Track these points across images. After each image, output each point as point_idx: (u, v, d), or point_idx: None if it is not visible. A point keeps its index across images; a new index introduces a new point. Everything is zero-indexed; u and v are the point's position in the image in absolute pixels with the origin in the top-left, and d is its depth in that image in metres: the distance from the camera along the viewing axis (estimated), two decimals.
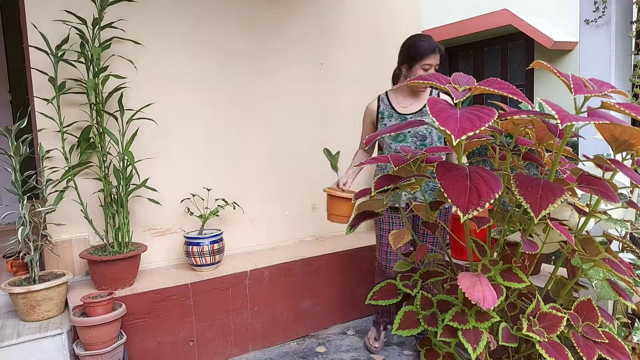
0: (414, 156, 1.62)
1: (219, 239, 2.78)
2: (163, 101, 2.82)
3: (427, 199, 2.25)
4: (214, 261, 2.74)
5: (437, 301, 1.62)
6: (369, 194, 1.68)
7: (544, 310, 1.46)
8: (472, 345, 1.36)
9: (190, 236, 2.74)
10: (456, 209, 1.24)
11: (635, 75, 2.38)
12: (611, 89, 1.34)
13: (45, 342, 2.18)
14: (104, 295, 2.24)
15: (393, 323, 2.43)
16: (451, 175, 1.30)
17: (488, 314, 1.43)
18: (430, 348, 1.63)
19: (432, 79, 1.37)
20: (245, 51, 3.07)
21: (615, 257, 1.50)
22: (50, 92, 2.44)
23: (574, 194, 1.52)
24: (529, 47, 7.43)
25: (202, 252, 2.69)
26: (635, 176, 1.40)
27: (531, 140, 1.61)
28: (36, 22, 2.41)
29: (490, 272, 1.48)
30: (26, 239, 2.31)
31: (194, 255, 2.70)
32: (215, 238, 2.75)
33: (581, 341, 1.42)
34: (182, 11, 2.91)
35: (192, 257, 2.71)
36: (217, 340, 2.69)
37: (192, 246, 2.70)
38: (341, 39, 3.57)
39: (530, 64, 1.49)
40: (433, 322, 1.56)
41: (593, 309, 1.55)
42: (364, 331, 3.04)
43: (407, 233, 1.69)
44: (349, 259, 3.16)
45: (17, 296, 2.26)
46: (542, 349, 1.35)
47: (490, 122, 1.17)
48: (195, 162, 2.98)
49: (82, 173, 2.54)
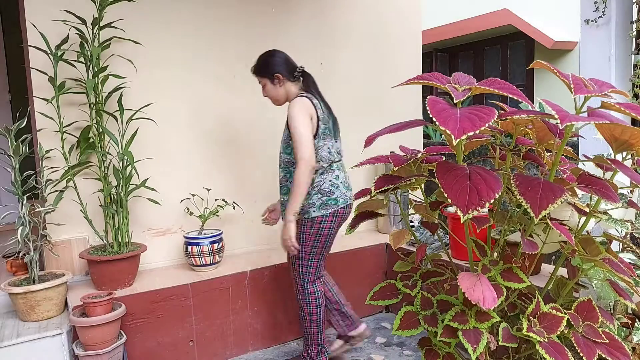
0: (414, 156, 1.62)
1: (219, 239, 2.77)
2: (163, 101, 2.81)
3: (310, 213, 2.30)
4: (213, 261, 2.73)
5: (437, 301, 1.61)
6: (369, 194, 1.68)
7: (544, 310, 1.46)
8: (472, 346, 1.36)
9: (189, 236, 2.73)
10: (456, 209, 1.24)
11: (635, 75, 2.38)
12: (611, 89, 1.34)
13: (45, 342, 2.18)
14: (104, 295, 2.24)
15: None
16: (451, 175, 1.30)
17: (488, 314, 1.43)
18: (430, 348, 1.63)
19: (432, 79, 1.37)
20: (245, 51, 3.06)
21: (615, 257, 1.50)
22: (49, 92, 2.43)
23: (574, 194, 1.52)
24: (529, 47, 7.43)
25: (201, 252, 2.68)
26: (635, 176, 1.40)
27: (531, 140, 1.61)
28: (36, 22, 2.41)
29: (490, 272, 1.48)
30: (26, 239, 2.31)
31: (193, 256, 2.70)
32: (215, 238, 2.74)
33: (581, 341, 1.42)
34: (181, 11, 2.91)
35: (191, 258, 2.71)
36: (216, 340, 2.69)
37: (192, 246, 2.69)
38: (341, 39, 3.57)
39: (530, 64, 1.49)
40: (433, 322, 1.55)
41: (593, 309, 1.54)
42: None
43: (407, 233, 1.69)
44: (349, 259, 3.16)
45: (17, 296, 2.26)
46: (542, 349, 1.34)
47: (490, 122, 1.17)
48: (195, 162, 2.98)
49: (81, 173, 2.54)
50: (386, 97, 3.72)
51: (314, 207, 2.31)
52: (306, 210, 2.31)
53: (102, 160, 2.52)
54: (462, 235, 2.58)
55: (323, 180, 2.33)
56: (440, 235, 1.82)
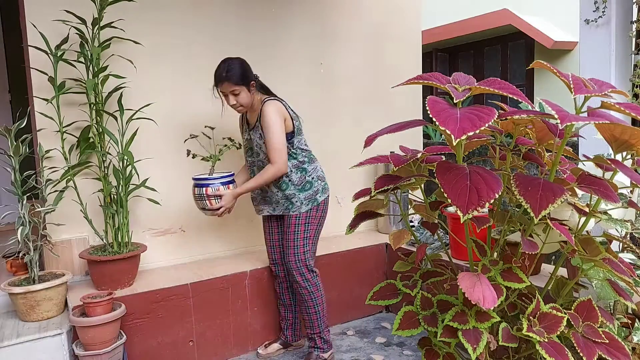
0: (414, 156, 1.62)
1: (231, 180, 2.51)
2: (163, 101, 2.81)
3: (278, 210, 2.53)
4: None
5: (437, 301, 1.61)
6: (369, 194, 1.68)
7: (544, 310, 1.46)
8: (472, 346, 1.36)
9: (199, 177, 2.48)
10: (456, 209, 1.24)
11: (635, 75, 2.38)
12: (611, 89, 1.34)
13: (45, 342, 2.18)
14: (104, 295, 2.24)
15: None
16: (451, 175, 1.29)
17: (488, 314, 1.43)
18: (430, 348, 1.63)
19: (432, 79, 1.37)
20: (245, 50, 3.06)
21: (615, 257, 1.50)
22: (49, 92, 2.43)
23: (574, 194, 1.52)
24: (529, 47, 7.43)
25: (218, 195, 2.42)
26: (635, 176, 1.40)
27: (531, 140, 1.61)
28: (36, 22, 2.41)
29: (490, 272, 1.48)
30: (26, 239, 2.31)
31: (209, 198, 2.41)
32: (228, 179, 2.48)
33: (581, 341, 1.42)
34: (181, 11, 2.91)
35: (206, 201, 2.42)
36: (217, 340, 2.69)
37: (205, 188, 2.41)
38: (341, 39, 3.57)
39: (530, 64, 1.49)
40: (433, 322, 1.55)
41: (593, 309, 1.54)
42: (364, 331, 3.04)
43: (407, 233, 1.69)
44: (349, 259, 3.16)
45: (17, 296, 2.26)
46: (542, 349, 1.34)
47: (490, 122, 1.17)
48: (195, 162, 2.97)
49: (81, 173, 2.54)
50: (386, 97, 3.72)
51: (318, 193, 2.52)
52: (314, 198, 2.51)
53: (102, 160, 2.52)
54: (462, 235, 2.58)
55: (315, 168, 2.56)
56: (440, 235, 1.82)
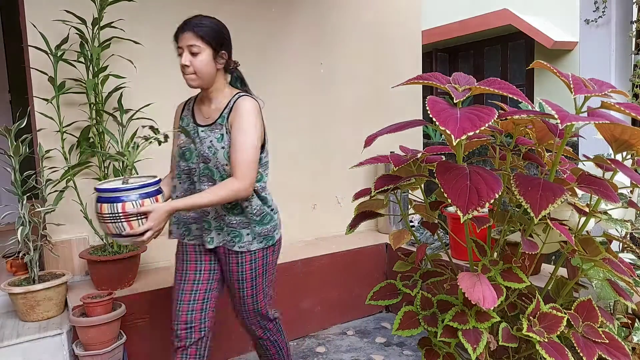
0: (414, 156, 1.62)
1: (157, 188, 1.72)
2: (162, 101, 2.81)
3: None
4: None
5: (437, 301, 1.61)
6: (369, 194, 1.68)
7: (544, 310, 1.46)
8: (472, 346, 1.36)
9: (107, 187, 1.62)
10: (456, 209, 1.24)
11: (635, 75, 2.38)
12: (611, 89, 1.34)
13: (45, 342, 2.18)
14: (104, 295, 2.24)
15: None
16: (451, 175, 1.29)
17: (488, 314, 1.43)
18: (430, 348, 1.63)
19: (432, 79, 1.37)
20: (245, 51, 3.06)
21: (615, 257, 1.50)
22: (49, 92, 2.43)
23: (574, 194, 1.52)
24: (529, 47, 7.43)
25: (120, 214, 1.58)
26: (635, 176, 1.40)
27: (531, 140, 1.61)
28: (36, 22, 2.41)
29: (490, 272, 1.48)
30: (26, 239, 2.31)
31: (128, 219, 1.61)
32: (153, 187, 1.69)
33: (581, 341, 1.42)
34: (181, 11, 2.90)
35: (123, 223, 1.61)
36: (217, 340, 2.68)
37: (121, 203, 1.57)
38: (341, 39, 3.57)
39: (530, 64, 1.49)
40: (433, 322, 1.55)
41: (593, 309, 1.54)
42: (364, 331, 3.04)
43: (407, 233, 1.68)
44: (349, 259, 3.16)
45: (17, 296, 2.26)
46: (542, 349, 1.34)
47: (490, 122, 1.17)
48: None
49: (81, 173, 2.54)
50: (386, 97, 3.72)
51: (276, 229, 1.98)
52: (271, 236, 1.95)
53: (102, 160, 2.52)
54: (462, 235, 2.58)
55: (271, 197, 1.98)
56: (440, 235, 1.82)
